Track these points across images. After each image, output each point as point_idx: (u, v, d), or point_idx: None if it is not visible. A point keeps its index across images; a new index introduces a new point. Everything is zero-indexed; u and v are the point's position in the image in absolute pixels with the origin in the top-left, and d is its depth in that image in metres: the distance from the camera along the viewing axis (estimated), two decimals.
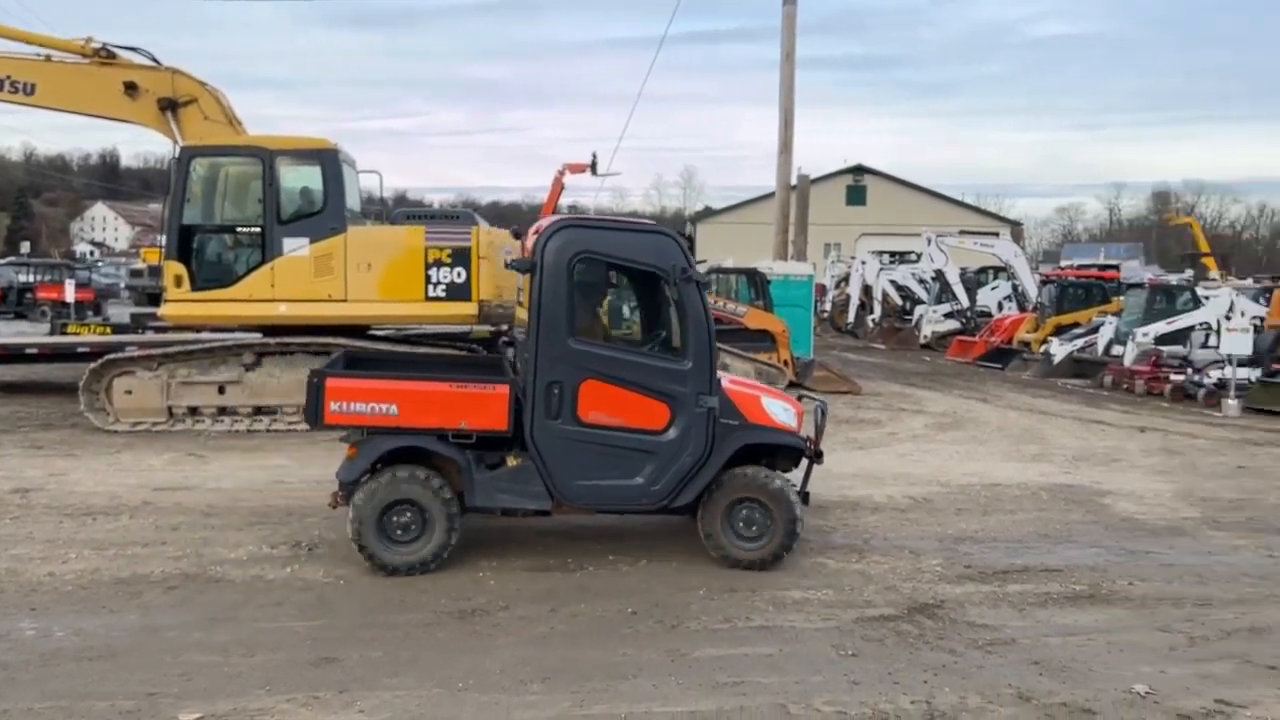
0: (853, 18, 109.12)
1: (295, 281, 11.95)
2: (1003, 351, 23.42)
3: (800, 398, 7.56)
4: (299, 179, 12.34)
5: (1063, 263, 44.35)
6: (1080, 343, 21.34)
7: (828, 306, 34.41)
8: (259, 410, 12.25)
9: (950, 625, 5.74)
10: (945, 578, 6.64)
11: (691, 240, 9.42)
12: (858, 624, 5.73)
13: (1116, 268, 35.18)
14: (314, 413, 6.32)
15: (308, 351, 12.26)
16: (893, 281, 32.64)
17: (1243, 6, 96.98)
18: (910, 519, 8.30)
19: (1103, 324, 21.26)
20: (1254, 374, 16.56)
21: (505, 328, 13.68)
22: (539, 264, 6.40)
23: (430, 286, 12.06)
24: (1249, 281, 30.51)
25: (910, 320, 30.81)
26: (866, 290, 30.97)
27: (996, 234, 35.75)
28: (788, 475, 6.99)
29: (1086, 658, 5.28)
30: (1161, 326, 19.16)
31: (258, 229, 12.06)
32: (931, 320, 28.13)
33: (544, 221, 6.86)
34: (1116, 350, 19.88)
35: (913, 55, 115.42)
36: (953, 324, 27.53)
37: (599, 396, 6.47)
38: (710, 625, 5.65)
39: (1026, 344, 23.28)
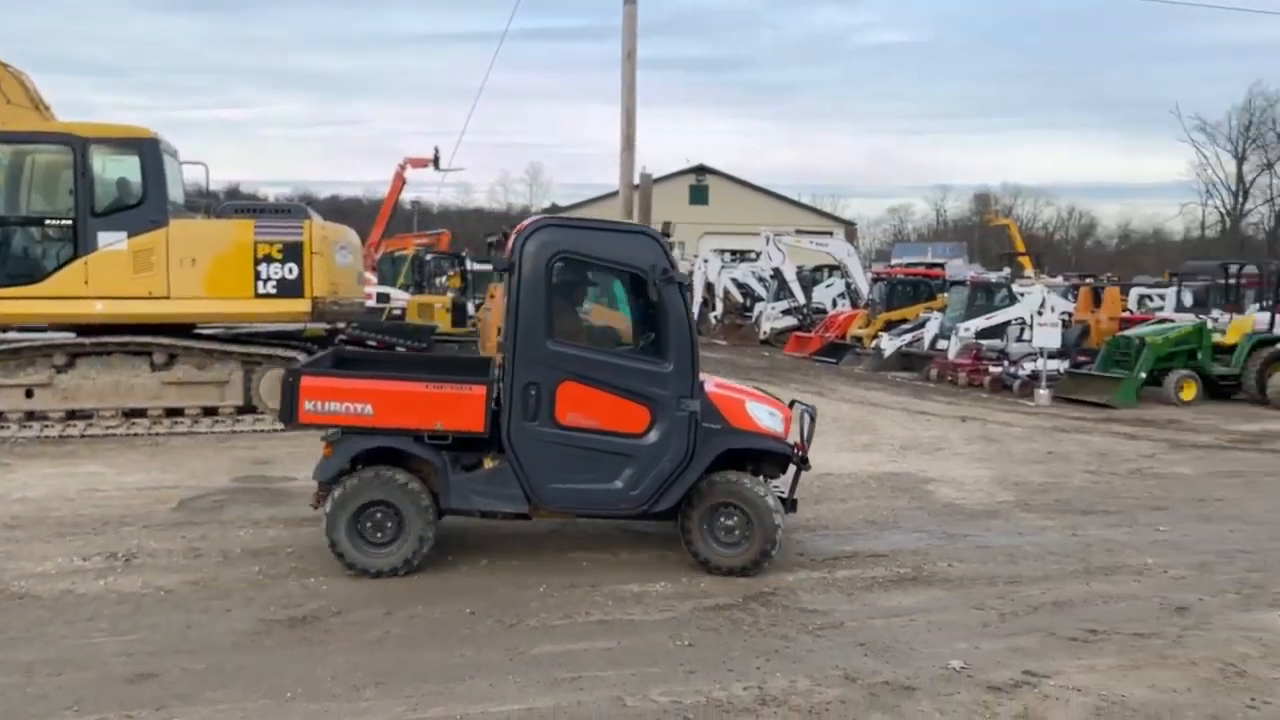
0: (695, 19, 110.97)
1: (112, 278, 11.28)
2: (837, 346, 24.27)
3: (791, 403, 7.33)
4: (115, 169, 11.65)
5: (893, 261, 46.30)
6: (908, 337, 22.33)
7: None
8: (72, 415, 11.52)
9: (783, 611, 5.92)
10: (779, 565, 6.82)
11: (669, 236, 9.19)
12: (695, 614, 5.84)
13: (942, 266, 37.00)
14: (288, 411, 6.27)
15: (127, 351, 11.63)
16: (734, 279, 33.36)
17: (1054, 23, 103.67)
18: None
19: (929, 319, 22.32)
20: (1063, 366, 17.75)
21: (343, 325, 13.30)
22: (517, 264, 6.34)
23: (260, 283, 11.62)
24: (1059, 280, 32.60)
25: (751, 317, 31.58)
26: (709, 288, 31.55)
27: (831, 233, 37.04)
28: (774, 481, 6.96)
29: (908, 637, 5.54)
30: (981, 322, 20.25)
31: (69, 222, 11.34)
32: (770, 317, 28.90)
33: (526, 221, 6.74)
34: (941, 344, 20.88)
35: (753, 58, 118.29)
36: (790, 320, 28.36)
37: (577, 398, 6.40)
38: (550, 622, 5.65)
39: (859, 339, 24.21)
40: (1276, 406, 15.77)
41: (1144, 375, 16.24)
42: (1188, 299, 21.34)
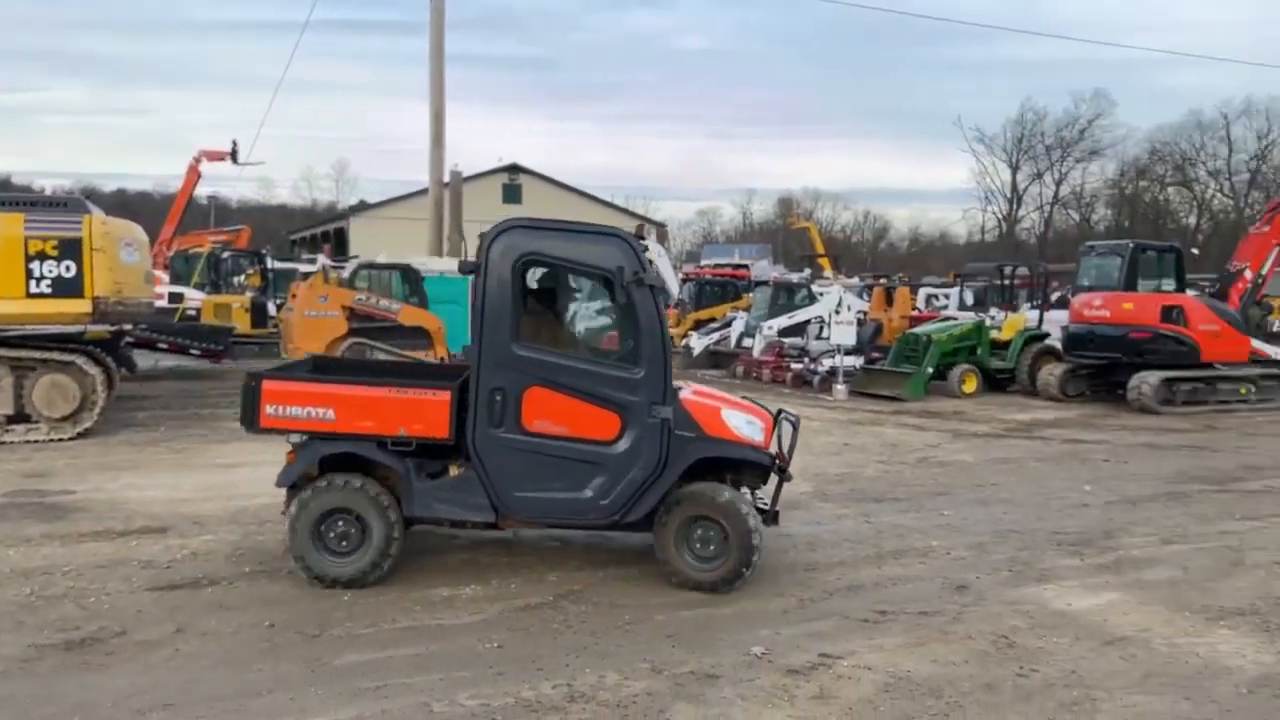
0: (507, 19, 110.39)
1: None
2: None
3: (779, 412, 7.07)
4: None
5: (703, 262, 47.54)
6: (716, 336, 23.00)
7: None
8: None
9: (594, 608, 5.97)
10: (591, 563, 6.89)
11: (643, 239, 8.79)
12: (505, 616, 5.81)
13: (748, 267, 38.26)
14: (249, 416, 6.12)
15: None
16: None
17: (850, 36, 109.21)
18: None
19: (735, 319, 23.05)
20: (859, 362, 18.71)
21: (129, 327, 12.48)
22: (483, 266, 6.14)
23: (32, 282, 10.78)
24: (856, 280, 34.35)
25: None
26: None
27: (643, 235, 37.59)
28: (757, 493, 6.85)
29: (714, 627, 5.71)
30: (783, 320, 21.09)
31: None
32: (584, 317, 29.07)
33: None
34: (747, 342, 21.62)
35: (567, 59, 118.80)
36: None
37: (544, 404, 6.20)
38: (354, 631, 5.50)
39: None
40: (1046, 397, 17.15)
41: (931, 370, 17.33)
42: (969, 298, 22.92)
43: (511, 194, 57.34)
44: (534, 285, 6.68)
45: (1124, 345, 16.24)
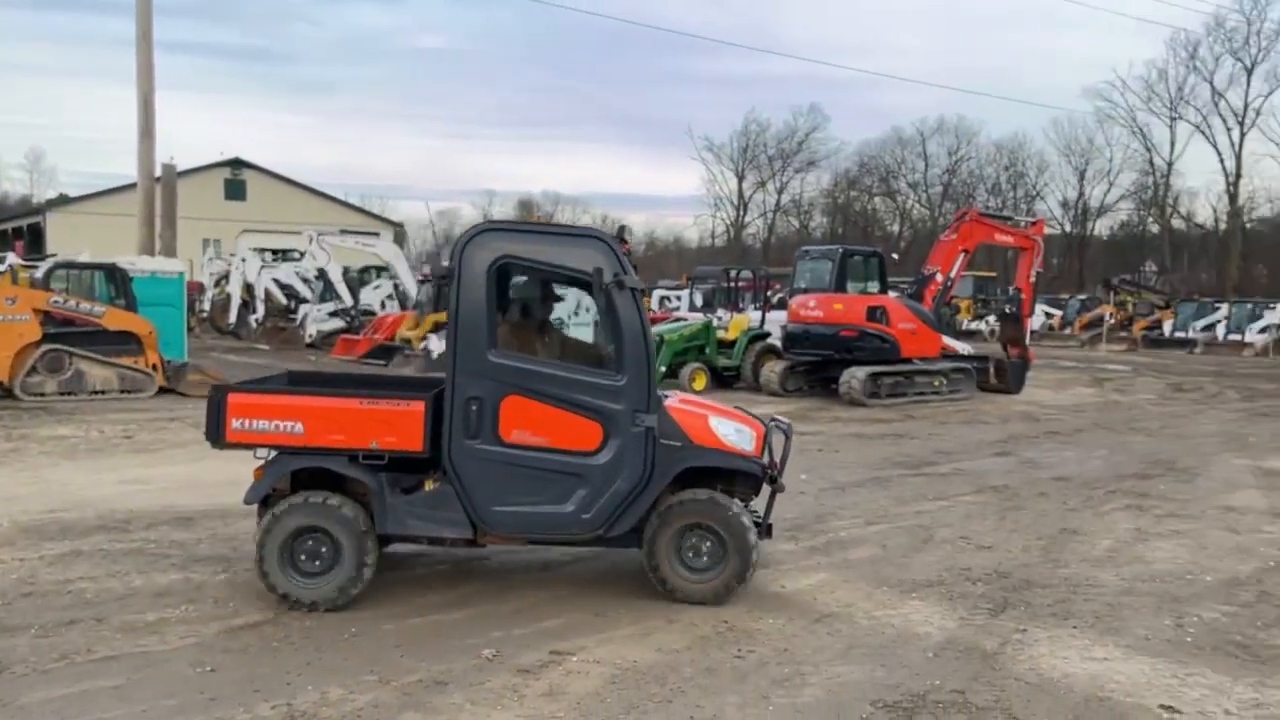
0: (229, 5, 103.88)
1: None
2: (386, 349, 24.04)
3: (771, 420, 6.83)
4: None
5: (444, 263, 46.87)
6: None
7: (207, 306, 32.44)
8: None
9: (318, 622, 5.73)
10: None
11: (625, 242, 7.87)
12: (221, 637, 5.47)
13: None
14: (215, 430, 5.84)
15: None
16: (276, 280, 31.72)
17: (589, 41, 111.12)
18: None
19: None
20: None
21: None
22: (456, 270, 5.85)
23: None
24: None
25: (295, 319, 30.25)
26: (248, 289, 29.73)
27: (377, 234, 36.55)
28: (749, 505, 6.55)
29: (445, 633, 5.63)
30: None
31: None
32: (316, 319, 27.90)
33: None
34: None
35: (295, 51, 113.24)
36: (337, 322, 27.59)
37: (523, 414, 5.92)
38: (42, 666, 4.99)
39: (408, 340, 24.17)
40: (768, 392, 18.20)
41: (664, 369, 17.95)
42: (699, 300, 23.94)
43: (235, 190, 54.09)
44: (510, 289, 6.43)
45: (835, 343, 17.53)
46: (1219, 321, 37.48)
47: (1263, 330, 35.77)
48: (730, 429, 6.40)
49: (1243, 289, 53.84)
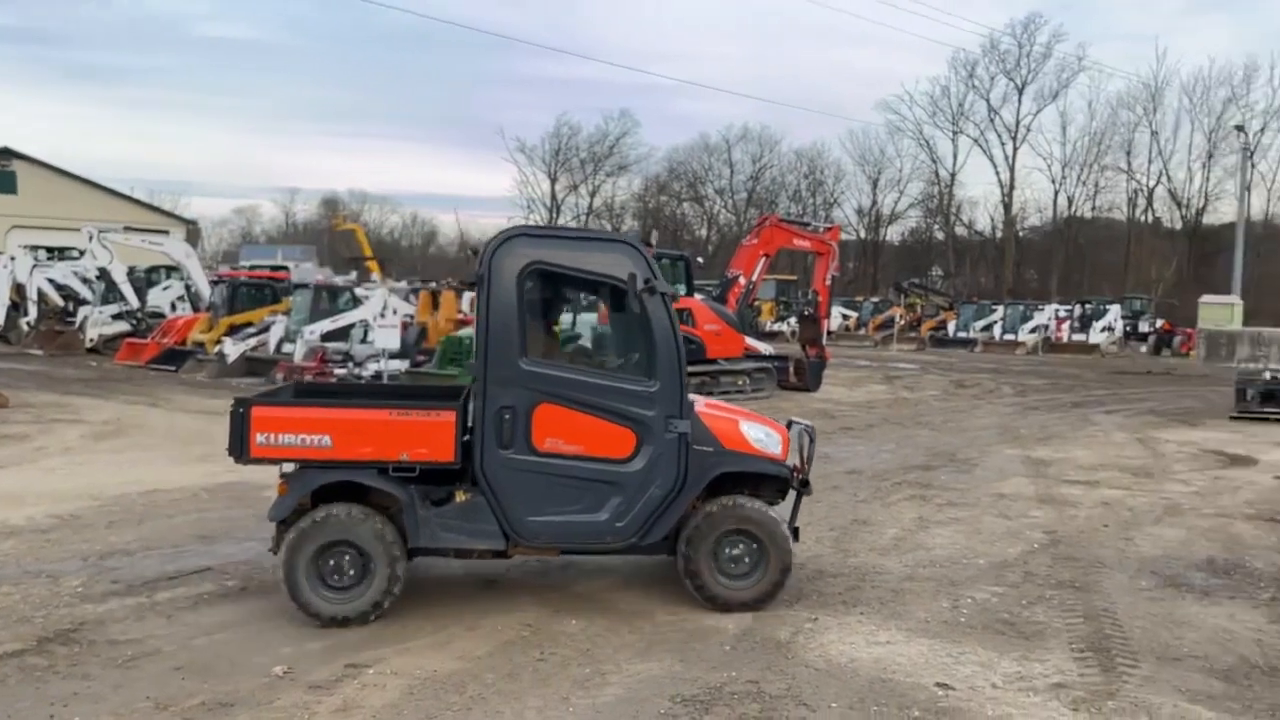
0: None
1: None
2: (176, 353, 22.69)
3: (789, 424, 6.66)
4: None
5: (241, 263, 44.63)
6: (253, 342, 21.71)
7: None
8: None
9: (88, 648, 5.34)
10: (88, 598, 6.16)
11: (651, 246, 7.27)
12: None
13: (288, 268, 36.56)
14: (238, 446, 5.71)
15: None
16: (51, 280, 29.34)
17: (397, 38, 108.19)
18: (52, 540, 7.54)
19: (273, 323, 21.93)
20: (404, 365, 18.65)
21: None
22: (486, 277, 5.76)
23: None
24: (403, 284, 34.19)
25: (74, 322, 28.08)
26: (19, 289, 27.36)
27: (167, 232, 34.52)
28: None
29: (232, 652, 5.36)
30: (326, 324, 20.43)
31: None
32: (98, 322, 26.01)
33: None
34: (288, 348, 20.65)
35: (78, 34, 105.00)
36: (122, 325, 25.81)
37: (556, 422, 5.86)
38: None
39: (201, 344, 22.90)
40: None
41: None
42: None
43: (5, 182, 49.69)
44: (540, 296, 6.31)
45: None
46: (996, 322, 40.46)
47: (1033, 330, 38.86)
48: (760, 433, 6.41)
49: (1016, 292, 58.26)
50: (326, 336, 20.18)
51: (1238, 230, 41.50)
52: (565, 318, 6.72)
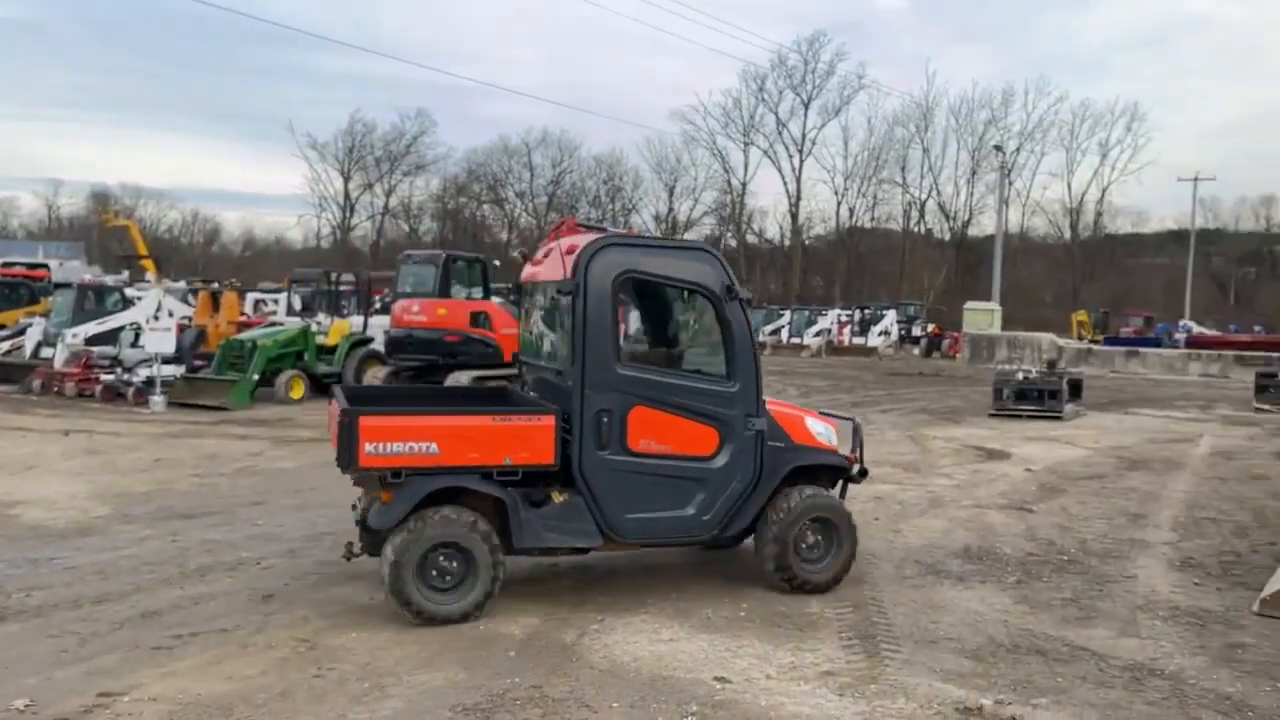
0: None
1: None
2: None
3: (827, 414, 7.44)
4: None
5: None
6: (6, 345, 19.96)
7: None
8: None
9: None
10: None
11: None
12: None
13: (48, 267, 33.77)
14: (348, 456, 5.72)
15: None
16: None
17: (174, 25, 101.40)
18: None
19: (30, 325, 20.21)
20: (180, 370, 17.58)
21: None
22: (582, 286, 6.01)
23: None
24: (181, 284, 32.22)
25: None
26: None
27: None
28: None
29: None
30: (92, 327, 19.05)
31: None
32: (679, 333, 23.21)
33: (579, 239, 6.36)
34: (47, 352, 19.10)
35: None
36: None
37: (648, 423, 6.22)
38: None
39: None
40: None
41: (256, 377, 16.93)
42: (297, 303, 22.85)
43: None
44: (630, 302, 6.71)
45: (440, 347, 17.53)
46: (783, 326, 42.34)
47: (817, 334, 40.93)
48: (821, 428, 7.04)
49: (803, 297, 61.23)
50: (92, 340, 18.79)
51: (997, 241, 45.11)
52: (650, 322, 7.17)
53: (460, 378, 17.04)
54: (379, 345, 18.80)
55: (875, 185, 69.86)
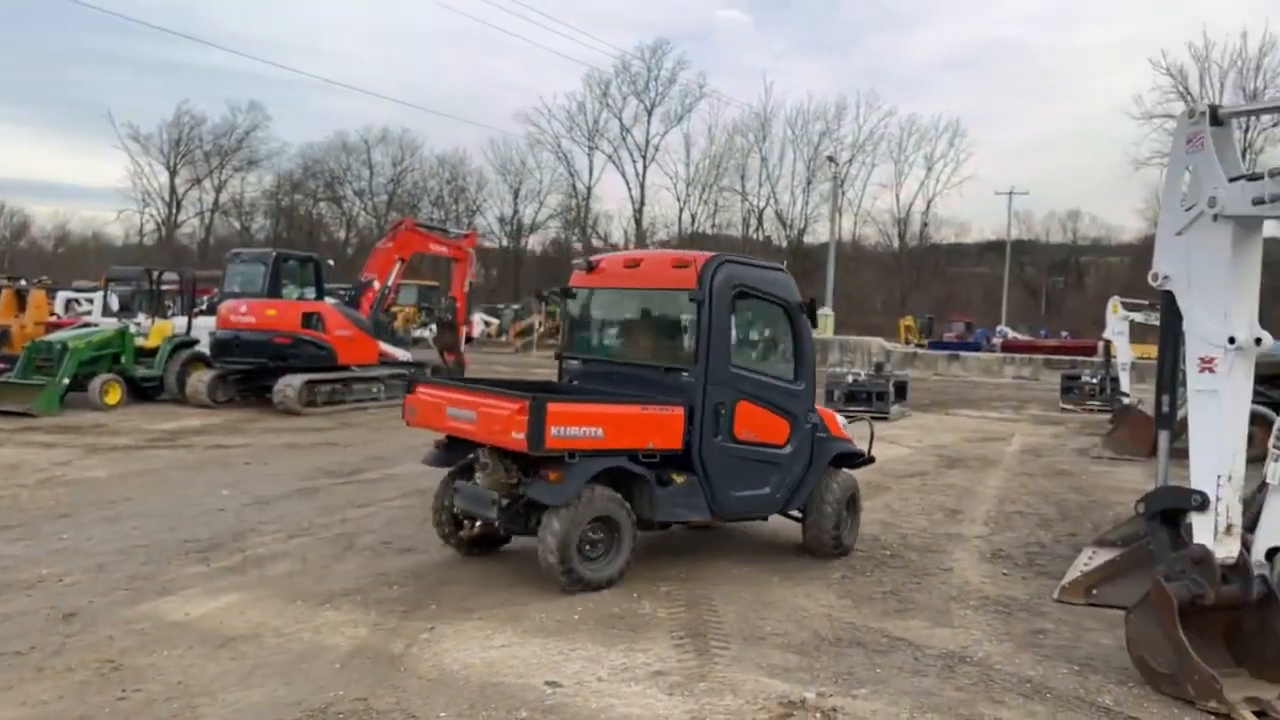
0: None
1: None
2: None
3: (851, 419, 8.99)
4: None
5: None
6: None
7: None
8: None
9: None
10: None
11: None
12: None
13: None
14: (537, 437, 6.36)
15: None
16: None
17: None
18: None
19: None
20: None
21: None
22: (708, 296, 7.06)
23: None
24: None
25: None
26: None
27: None
28: None
29: None
30: None
31: None
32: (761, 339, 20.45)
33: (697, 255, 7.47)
34: None
35: None
36: None
37: (749, 416, 7.32)
38: None
39: None
40: (195, 404, 16.91)
41: (67, 381, 15.84)
42: (114, 304, 21.52)
43: None
44: (738, 312, 7.50)
45: (269, 350, 16.82)
46: None
47: None
48: (843, 422, 8.40)
49: None
50: None
51: (830, 249, 46.83)
52: (739, 329, 7.90)
53: (292, 381, 16.44)
54: (204, 348, 17.89)
55: (716, 192, 71.31)
